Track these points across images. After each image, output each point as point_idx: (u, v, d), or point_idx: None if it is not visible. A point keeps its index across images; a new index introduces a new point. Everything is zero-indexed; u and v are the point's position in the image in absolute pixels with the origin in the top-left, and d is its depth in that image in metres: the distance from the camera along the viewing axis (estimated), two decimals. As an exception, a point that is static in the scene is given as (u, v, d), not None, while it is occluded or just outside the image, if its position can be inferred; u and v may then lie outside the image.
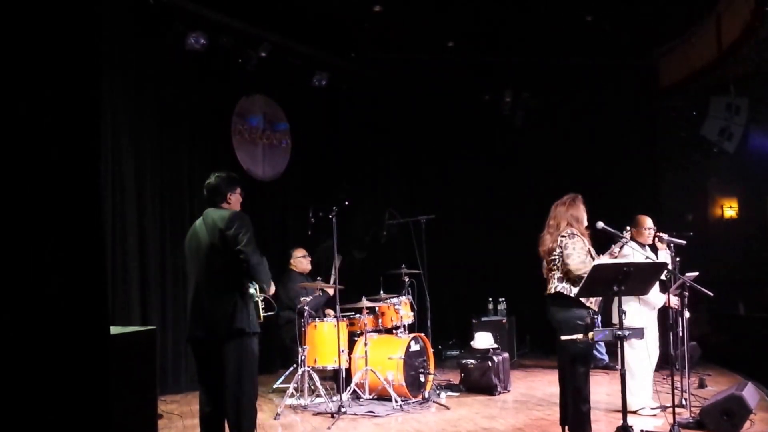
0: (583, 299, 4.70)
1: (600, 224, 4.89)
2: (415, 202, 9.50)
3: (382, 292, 7.17)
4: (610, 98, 9.70)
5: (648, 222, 5.83)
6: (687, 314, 5.40)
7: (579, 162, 9.72)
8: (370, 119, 9.73)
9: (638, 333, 4.41)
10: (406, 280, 7.39)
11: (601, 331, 4.46)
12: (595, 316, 4.75)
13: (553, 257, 4.87)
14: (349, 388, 6.40)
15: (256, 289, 4.19)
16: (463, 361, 7.19)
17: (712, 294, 5.23)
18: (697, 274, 5.52)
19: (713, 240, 9.78)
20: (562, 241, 4.82)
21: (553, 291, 4.82)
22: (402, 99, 9.80)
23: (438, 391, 6.85)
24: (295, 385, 6.51)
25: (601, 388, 6.93)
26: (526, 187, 9.92)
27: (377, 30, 8.58)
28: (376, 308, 6.99)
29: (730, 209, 10.42)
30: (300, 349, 6.60)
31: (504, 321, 8.71)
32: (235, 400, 4.05)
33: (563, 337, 4.61)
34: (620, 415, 4.43)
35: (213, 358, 4.10)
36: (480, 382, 6.97)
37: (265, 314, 4.34)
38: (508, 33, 8.91)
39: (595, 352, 7.96)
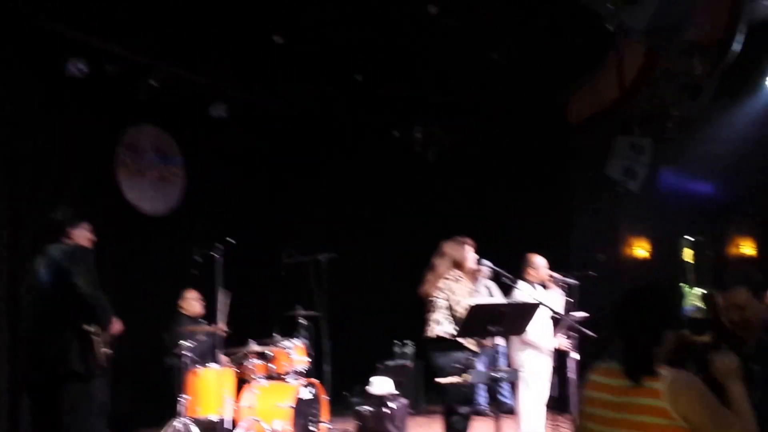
0: (461, 340, 4.49)
1: (484, 263, 4.75)
2: (317, 240, 9.12)
3: (277, 335, 6.79)
4: (522, 136, 9.64)
5: (538, 261, 5.61)
6: (576, 356, 5.15)
7: (491, 200, 9.61)
8: (272, 153, 9.38)
9: (513, 374, 4.18)
10: (302, 322, 7.05)
11: (477, 374, 4.20)
12: (474, 358, 4.52)
13: (431, 299, 4.71)
14: (227, 441, 5.91)
15: (95, 327, 3.85)
16: (359, 408, 6.83)
17: (596, 335, 4.97)
18: (586, 315, 5.28)
19: (625, 280, 9.71)
20: (446, 285, 4.73)
21: (431, 335, 4.61)
22: (307, 133, 9.49)
23: (330, 442, 6.43)
24: (171, 440, 5.97)
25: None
26: (436, 225, 9.66)
27: (279, 61, 8.26)
28: (268, 353, 6.58)
29: (641, 249, 10.42)
30: (179, 398, 6.11)
31: (410, 365, 8.38)
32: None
33: (438, 380, 4.37)
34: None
35: (48, 404, 3.68)
36: (375, 431, 6.60)
37: (113, 356, 3.99)
38: (417, 68, 8.77)
39: (476, 395, 7.60)
